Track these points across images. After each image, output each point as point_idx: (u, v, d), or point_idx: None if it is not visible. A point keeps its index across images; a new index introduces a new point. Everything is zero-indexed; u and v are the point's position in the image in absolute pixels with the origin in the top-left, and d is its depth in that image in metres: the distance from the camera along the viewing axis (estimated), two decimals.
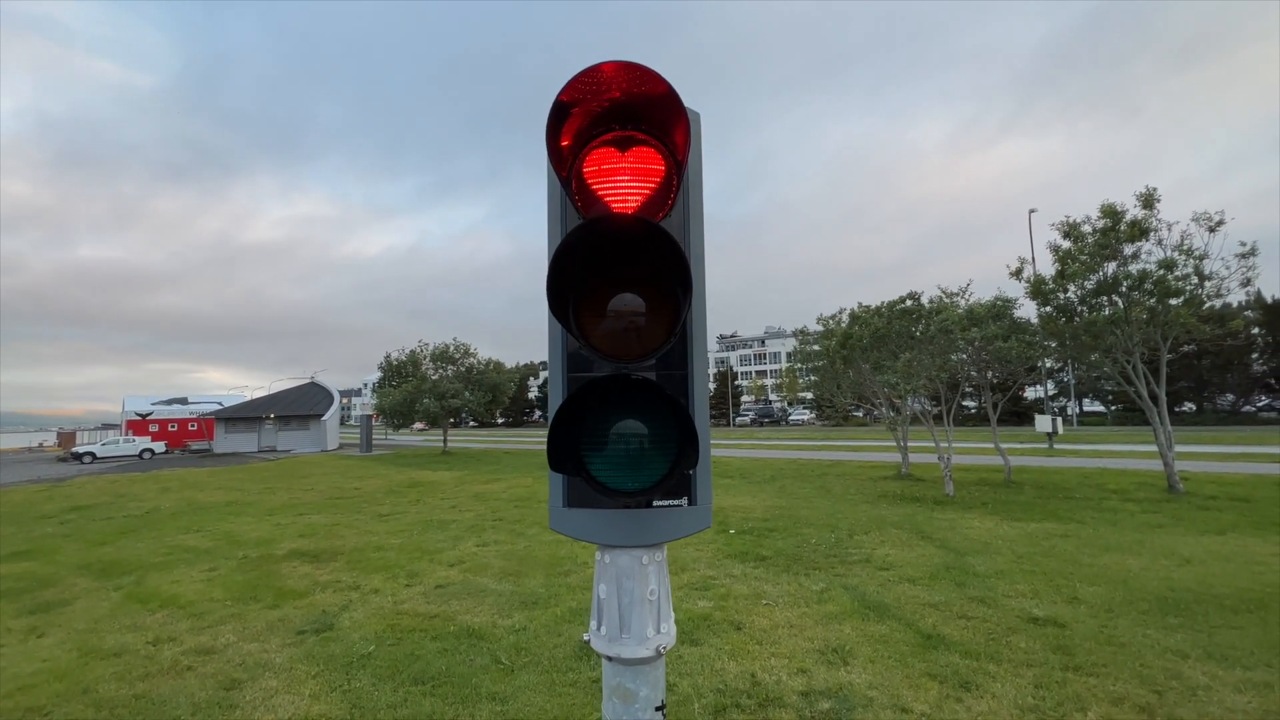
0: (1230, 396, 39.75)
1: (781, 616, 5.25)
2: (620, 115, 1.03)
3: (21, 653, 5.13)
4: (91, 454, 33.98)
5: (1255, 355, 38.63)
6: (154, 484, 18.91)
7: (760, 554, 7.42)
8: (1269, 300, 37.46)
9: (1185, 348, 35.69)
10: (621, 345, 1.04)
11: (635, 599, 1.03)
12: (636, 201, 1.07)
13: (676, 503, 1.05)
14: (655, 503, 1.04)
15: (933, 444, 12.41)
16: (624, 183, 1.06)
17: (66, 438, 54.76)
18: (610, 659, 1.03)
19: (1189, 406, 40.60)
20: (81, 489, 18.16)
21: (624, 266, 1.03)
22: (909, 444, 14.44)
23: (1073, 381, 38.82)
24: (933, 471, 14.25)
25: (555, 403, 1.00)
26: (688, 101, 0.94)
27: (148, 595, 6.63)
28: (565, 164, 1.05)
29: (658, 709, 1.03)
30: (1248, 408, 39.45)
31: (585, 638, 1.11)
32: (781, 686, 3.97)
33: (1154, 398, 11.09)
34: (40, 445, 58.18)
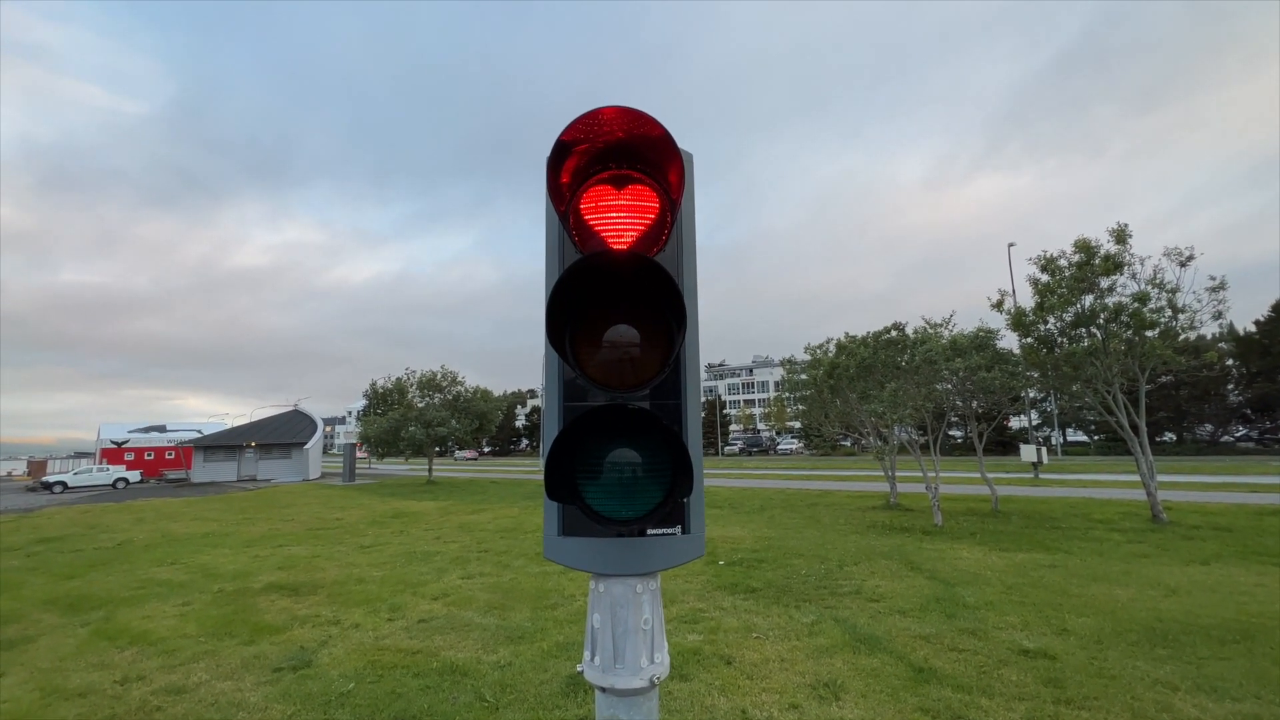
0: (1209, 426, 40.46)
1: (772, 650, 5.17)
2: (617, 155, 1.08)
3: None
4: (63, 483, 32.94)
5: (1231, 386, 39.50)
6: (127, 514, 18.35)
7: (750, 585, 7.34)
8: (1241, 333, 38.52)
9: (1164, 379, 36.44)
10: (617, 375, 1.06)
11: (629, 628, 1.03)
12: (632, 237, 1.11)
13: (670, 531, 1.06)
14: (649, 531, 1.05)
15: (920, 474, 12.45)
16: (620, 219, 1.10)
17: (37, 466, 53.10)
18: (604, 690, 1.02)
19: (1169, 436, 41.23)
20: (50, 520, 17.56)
21: (620, 299, 1.06)
22: (897, 474, 14.48)
23: (1056, 411, 39.30)
24: (921, 501, 14.26)
25: (551, 431, 1.01)
26: (675, 133, 0.98)
27: (117, 631, 6.37)
28: (564, 200, 1.08)
29: None
30: (1226, 438, 40.15)
31: (579, 669, 1.10)
32: None
33: (1135, 428, 11.27)
34: (9, 474, 56.31)
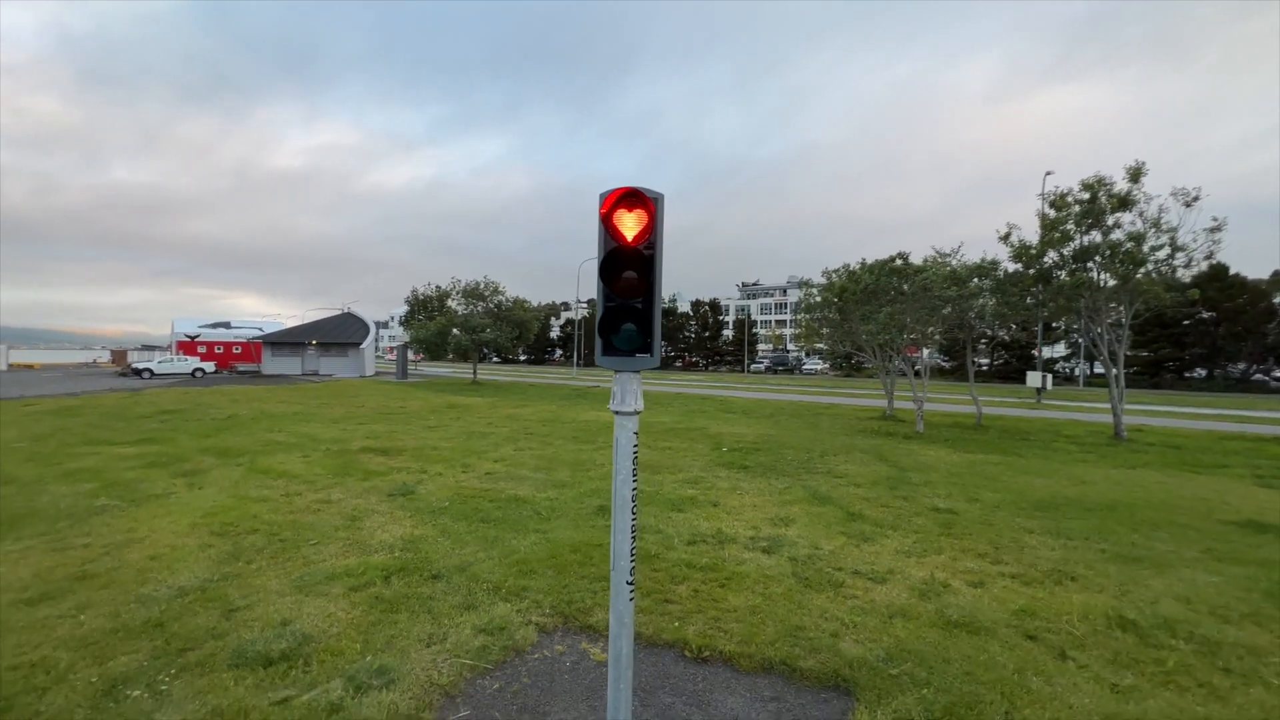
0: (1242, 365, 39.94)
1: (748, 500, 6.97)
2: (629, 197, 2.51)
3: (192, 497, 7.06)
4: (149, 370, 36.83)
5: (1274, 324, 38.52)
6: (222, 397, 21.26)
7: (744, 464, 9.13)
8: None
9: (1203, 315, 35.71)
10: (627, 291, 2.56)
11: (627, 390, 2.59)
12: (635, 232, 2.55)
13: (646, 355, 2.59)
14: (637, 354, 2.59)
15: (933, 394, 13.83)
16: (630, 224, 2.55)
17: (119, 355, 58.64)
18: (618, 413, 2.60)
19: (1199, 372, 40.94)
20: (161, 398, 20.55)
21: (629, 262, 2.54)
22: (900, 392, 15.90)
23: (1083, 342, 39.23)
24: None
25: (601, 313, 2.54)
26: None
27: (264, 470, 8.57)
28: (608, 212, 2.54)
29: (634, 433, 2.62)
30: (1259, 376, 39.70)
31: (609, 406, 2.67)
32: (737, 535, 5.69)
33: (1114, 357, 12.32)
34: (95, 361, 62.29)
